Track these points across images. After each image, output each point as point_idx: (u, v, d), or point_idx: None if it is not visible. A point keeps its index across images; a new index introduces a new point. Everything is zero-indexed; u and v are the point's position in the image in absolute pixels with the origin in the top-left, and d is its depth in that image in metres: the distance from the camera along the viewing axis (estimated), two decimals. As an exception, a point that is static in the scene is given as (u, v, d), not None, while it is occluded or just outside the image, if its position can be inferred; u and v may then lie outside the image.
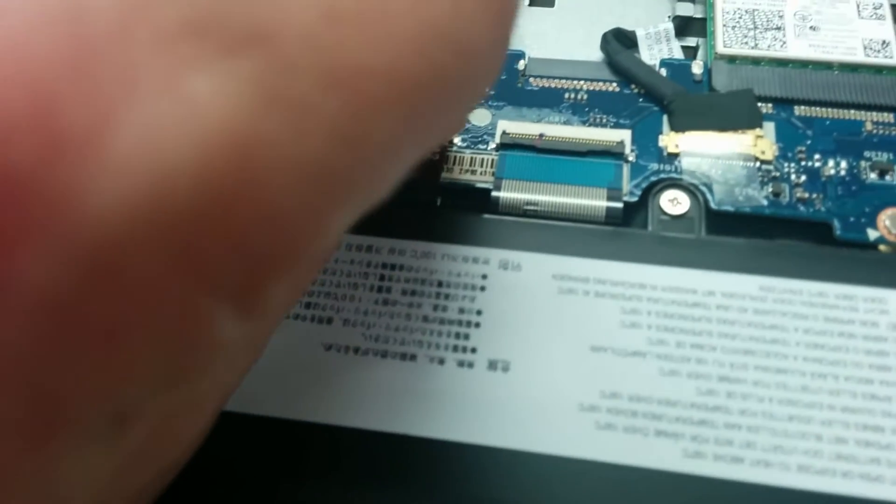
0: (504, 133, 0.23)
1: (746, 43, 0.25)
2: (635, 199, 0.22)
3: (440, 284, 0.20)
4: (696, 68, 0.25)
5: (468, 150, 0.23)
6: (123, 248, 0.08)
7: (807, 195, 0.21)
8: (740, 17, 0.25)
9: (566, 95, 0.24)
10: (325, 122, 0.10)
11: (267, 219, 0.10)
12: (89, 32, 0.08)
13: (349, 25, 0.10)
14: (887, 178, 0.22)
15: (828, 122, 0.23)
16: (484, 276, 0.20)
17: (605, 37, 0.26)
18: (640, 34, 0.26)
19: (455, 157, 0.23)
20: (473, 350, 0.19)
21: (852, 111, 0.23)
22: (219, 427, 0.18)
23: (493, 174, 0.23)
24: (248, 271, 0.10)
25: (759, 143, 0.22)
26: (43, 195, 0.08)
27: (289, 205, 0.10)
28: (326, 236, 0.11)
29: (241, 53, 0.09)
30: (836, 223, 0.21)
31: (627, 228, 0.21)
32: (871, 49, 0.24)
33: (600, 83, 0.25)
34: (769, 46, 0.25)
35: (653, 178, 0.22)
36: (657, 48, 0.26)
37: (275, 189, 0.10)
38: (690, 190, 0.22)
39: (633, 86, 0.25)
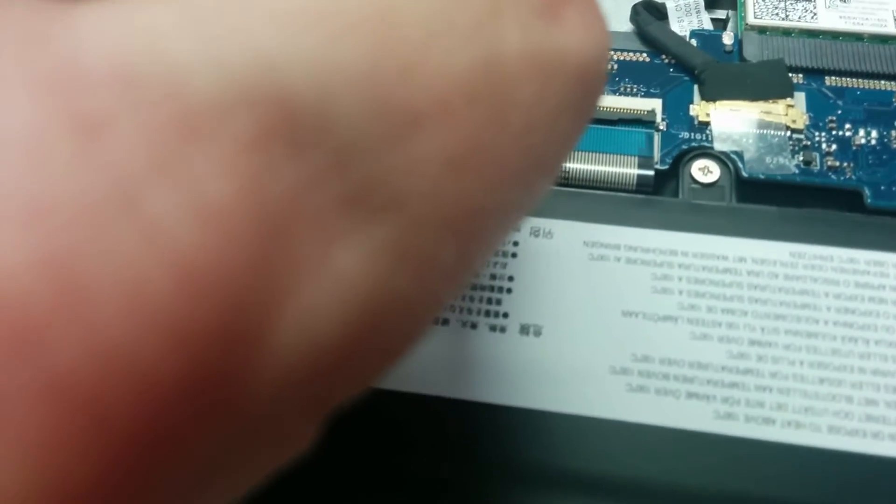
0: (535, 103, 0.24)
1: (777, 14, 0.25)
2: (666, 167, 0.22)
3: (472, 251, 0.20)
4: (727, 39, 0.25)
5: (499, 120, 0.23)
6: (269, 408, 0.09)
7: (837, 164, 0.22)
8: (771, -11, 0.26)
9: (597, 66, 0.25)
10: (443, 265, 0.10)
11: (383, 358, 0.10)
12: (271, 222, 0.08)
13: (468, 168, 0.10)
14: (918, 147, 0.22)
15: (858, 93, 0.23)
16: (515, 244, 0.21)
17: (635, 8, 0.26)
18: (670, 6, 0.26)
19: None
20: (505, 315, 0.19)
21: (883, 82, 0.23)
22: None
23: (525, 143, 0.23)
24: (357, 388, 0.10)
25: (790, 112, 0.23)
26: (214, 382, 0.08)
27: (404, 343, 0.10)
28: None
29: (381, 216, 0.09)
30: (867, 191, 0.21)
31: (658, 196, 0.22)
32: (902, 20, 0.24)
33: (630, 53, 0.25)
34: (800, 18, 0.25)
35: (683, 147, 0.22)
36: (687, 20, 0.26)
37: (395, 334, 0.10)
38: (721, 159, 0.22)
39: (663, 56, 0.25)
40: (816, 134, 0.22)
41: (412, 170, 0.09)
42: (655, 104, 0.23)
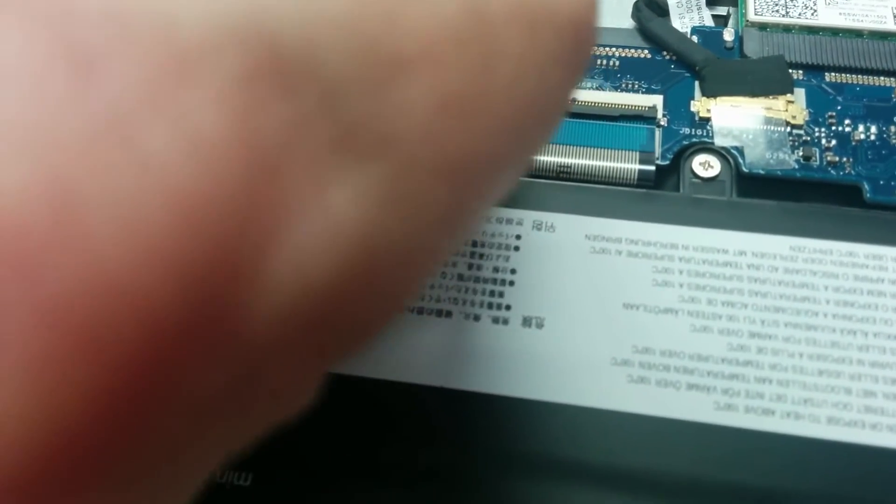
0: (537, 98, 0.24)
1: (777, 11, 0.25)
2: (667, 162, 0.22)
3: (475, 244, 0.21)
4: (728, 35, 0.25)
5: (502, 115, 0.24)
6: (267, 352, 0.09)
7: (837, 159, 0.22)
8: (771, -14, 0.26)
9: (598, 62, 0.25)
10: (436, 211, 0.10)
11: (379, 301, 0.10)
12: (262, 158, 0.08)
13: (458, 114, 0.10)
14: (917, 142, 0.22)
15: (858, 89, 0.23)
16: (518, 237, 0.21)
17: (636, 5, 0.26)
18: (671, 2, 0.26)
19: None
20: (508, 307, 0.20)
21: (882, 78, 0.24)
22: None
23: (527, 138, 0.23)
24: (356, 339, 0.10)
25: (790, 108, 0.23)
26: (210, 316, 0.08)
27: (397, 287, 0.10)
28: None
29: (372, 158, 0.09)
30: (866, 186, 0.21)
31: (659, 191, 0.22)
32: (901, 17, 0.25)
33: (632, 50, 0.25)
34: (800, 14, 0.25)
35: (684, 143, 0.23)
36: (688, 16, 0.26)
37: (387, 277, 0.10)
38: (722, 154, 0.22)
39: (664, 53, 0.25)
40: (816, 129, 0.22)
41: (401, 113, 0.09)
42: (657, 100, 0.23)
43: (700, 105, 0.23)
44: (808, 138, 0.22)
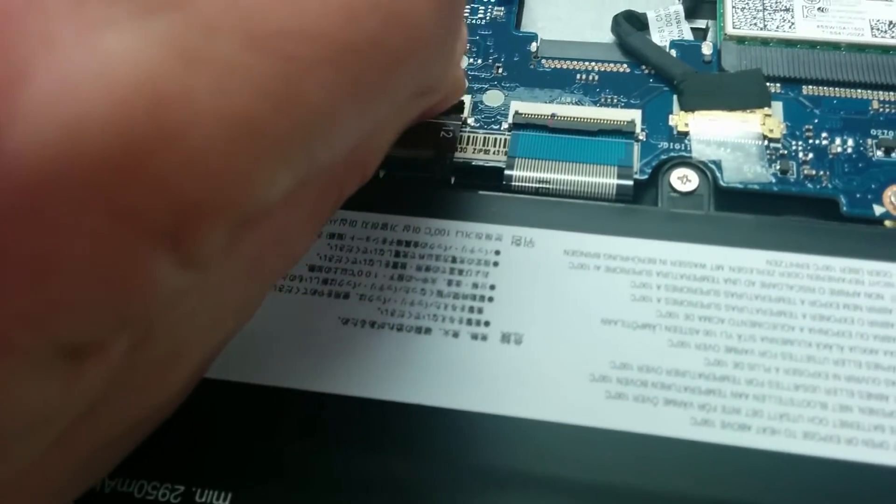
0: (517, 113, 0.24)
1: (755, 24, 0.25)
2: (645, 176, 0.22)
3: (454, 260, 0.21)
4: (706, 49, 0.25)
5: (481, 130, 0.24)
6: (41, 189, 0.09)
7: (814, 172, 0.22)
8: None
9: (578, 76, 0.25)
10: (251, 80, 0.10)
11: (190, 166, 0.10)
12: None
13: None
14: (893, 155, 0.22)
15: (835, 101, 0.24)
16: (497, 252, 0.21)
17: (615, 19, 0.26)
18: (650, 16, 0.26)
19: (469, 136, 0.24)
20: (487, 323, 0.20)
21: (859, 90, 0.24)
22: (240, 397, 0.19)
23: (506, 153, 0.23)
24: (176, 214, 0.10)
25: (768, 121, 0.23)
26: None
27: (213, 154, 0.10)
28: (265, 191, 0.11)
29: (158, 15, 0.10)
30: (843, 199, 0.21)
31: (638, 205, 0.22)
32: (878, 30, 0.25)
33: (611, 64, 0.25)
34: (778, 27, 0.25)
35: (663, 157, 0.23)
36: (667, 30, 0.26)
37: (197, 139, 0.10)
38: (700, 168, 0.22)
39: (643, 67, 0.25)
40: (793, 143, 0.23)
41: None
42: (635, 115, 0.23)
43: (678, 119, 0.23)
44: (786, 152, 0.22)
